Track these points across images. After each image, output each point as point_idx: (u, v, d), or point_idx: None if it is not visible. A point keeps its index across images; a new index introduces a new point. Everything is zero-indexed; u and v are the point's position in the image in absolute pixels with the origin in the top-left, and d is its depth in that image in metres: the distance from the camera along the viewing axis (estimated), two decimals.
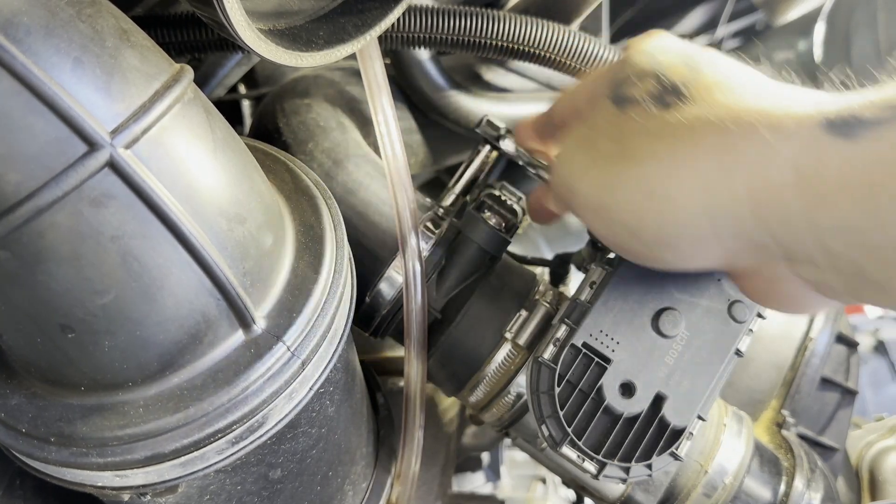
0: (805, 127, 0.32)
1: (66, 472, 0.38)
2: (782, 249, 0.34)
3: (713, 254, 0.37)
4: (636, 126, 0.38)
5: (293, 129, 0.59)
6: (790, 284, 0.37)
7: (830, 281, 0.34)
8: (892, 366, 1.66)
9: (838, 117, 0.31)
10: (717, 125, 0.34)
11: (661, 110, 0.37)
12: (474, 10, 0.61)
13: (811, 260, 0.34)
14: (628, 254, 0.41)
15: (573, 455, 0.44)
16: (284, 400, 0.39)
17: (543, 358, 0.45)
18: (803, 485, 0.55)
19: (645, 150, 0.37)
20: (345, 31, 0.44)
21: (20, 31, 0.28)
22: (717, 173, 0.34)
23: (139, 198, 0.32)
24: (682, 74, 0.38)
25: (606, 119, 0.40)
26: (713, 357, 0.45)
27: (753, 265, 0.37)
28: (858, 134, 0.30)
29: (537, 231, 1.27)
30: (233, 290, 0.36)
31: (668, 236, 0.37)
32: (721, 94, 0.36)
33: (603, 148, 0.39)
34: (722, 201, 0.34)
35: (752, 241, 0.35)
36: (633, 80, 0.40)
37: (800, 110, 0.33)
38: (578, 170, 0.40)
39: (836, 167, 0.31)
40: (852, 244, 0.31)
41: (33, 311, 0.34)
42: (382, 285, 0.53)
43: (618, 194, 0.38)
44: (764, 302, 0.41)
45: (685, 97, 0.37)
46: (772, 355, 0.68)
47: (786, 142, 0.32)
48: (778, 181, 0.32)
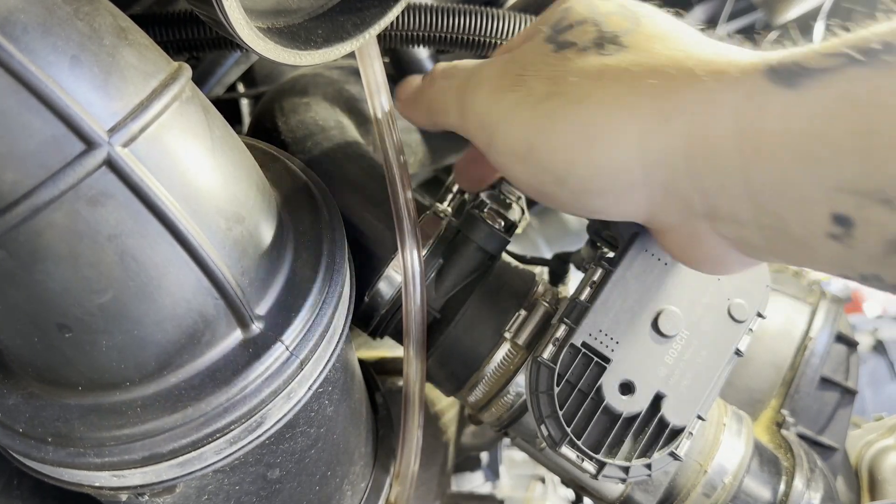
0: (748, 74, 0.31)
1: (63, 472, 0.38)
2: (708, 207, 0.34)
3: (638, 205, 0.36)
4: (573, 67, 0.36)
5: (292, 128, 0.59)
6: (710, 242, 0.36)
7: (752, 238, 0.34)
8: (891, 365, 1.66)
9: (782, 65, 0.30)
10: (657, 70, 0.33)
11: (600, 55, 0.36)
12: (474, 9, 0.61)
13: (735, 217, 0.33)
14: (551, 201, 0.39)
15: (572, 455, 0.44)
16: (283, 400, 0.39)
17: (542, 357, 0.44)
18: (803, 484, 0.55)
19: (582, 91, 0.35)
20: (344, 30, 0.44)
21: (17, 28, 0.28)
22: (655, 119, 0.33)
23: (137, 197, 0.32)
24: (621, 25, 0.37)
25: (540, 58, 0.38)
26: (713, 357, 0.45)
27: (675, 221, 0.36)
28: (801, 83, 0.29)
29: (536, 230, 1.27)
30: (231, 289, 0.36)
31: (598, 183, 0.35)
32: (661, 45, 0.35)
33: (534, 87, 0.37)
34: (658, 148, 0.33)
35: (679, 195, 0.34)
36: (572, 26, 0.38)
37: (743, 59, 0.32)
38: (501, 108, 0.38)
39: (777, 117, 0.30)
40: (783, 198, 0.31)
41: (30, 311, 0.34)
42: (381, 285, 0.53)
43: (549, 136, 0.36)
44: (683, 259, 0.39)
45: (625, 45, 0.36)
46: (771, 355, 0.68)
47: (727, 90, 0.31)
48: (717, 131, 0.31)
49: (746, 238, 0.34)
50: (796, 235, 0.31)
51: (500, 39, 0.62)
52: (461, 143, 0.79)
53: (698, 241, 0.36)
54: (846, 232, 0.29)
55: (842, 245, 0.30)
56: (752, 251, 0.35)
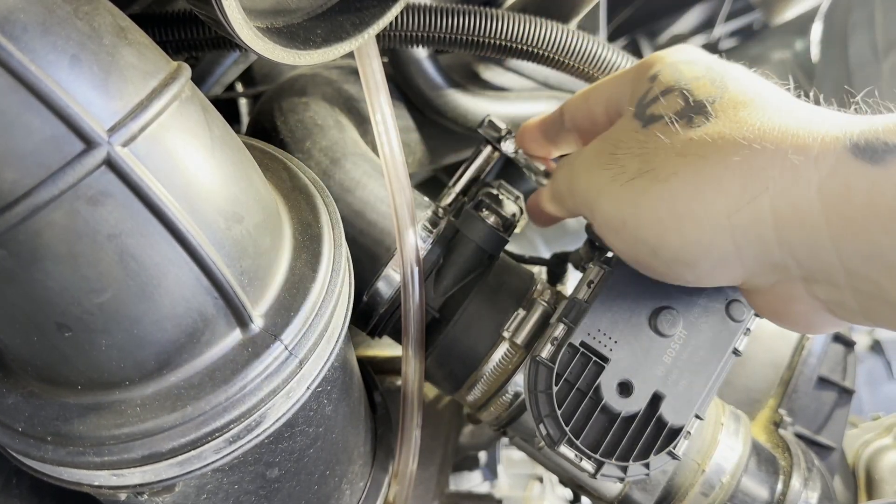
0: (831, 150, 0.32)
1: (62, 471, 0.38)
2: (802, 270, 0.34)
3: (733, 273, 0.37)
4: (661, 143, 0.38)
5: (291, 128, 0.59)
6: (803, 304, 0.37)
7: (847, 301, 0.34)
8: (888, 365, 1.66)
9: (864, 141, 0.31)
10: (743, 145, 0.34)
11: (686, 128, 0.37)
12: (472, 9, 0.61)
13: (830, 280, 0.34)
14: (648, 270, 0.41)
15: (571, 454, 0.44)
16: (282, 399, 0.39)
17: (541, 357, 0.45)
18: (800, 484, 0.55)
19: (669, 168, 0.36)
20: (343, 30, 0.44)
21: (17, 28, 0.28)
22: (742, 194, 0.34)
23: (136, 196, 0.32)
24: (707, 91, 0.38)
25: (629, 135, 0.40)
26: (711, 356, 0.45)
27: (769, 283, 0.37)
28: (885, 159, 0.30)
29: (535, 230, 1.27)
30: (230, 288, 0.36)
31: (690, 255, 0.37)
32: (746, 113, 0.36)
33: (625, 164, 0.39)
34: (746, 224, 0.34)
35: (772, 263, 0.35)
36: (658, 97, 0.39)
37: (826, 133, 0.33)
38: (598, 185, 0.40)
39: (863, 193, 0.31)
40: (876, 266, 0.31)
41: (30, 310, 0.34)
42: (380, 284, 0.53)
43: (640, 212, 0.37)
44: (775, 319, 0.40)
45: (711, 115, 0.37)
46: (769, 354, 0.68)
47: (812, 166, 0.32)
48: (804, 205, 0.32)
49: (842, 301, 0.35)
50: (891, 300, 0.32)
51: (498, 40, 0.62)
52: (459, 142, 0.79)
53: (792, 303, 0.37)
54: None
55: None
56: (846, 314, 0.36)
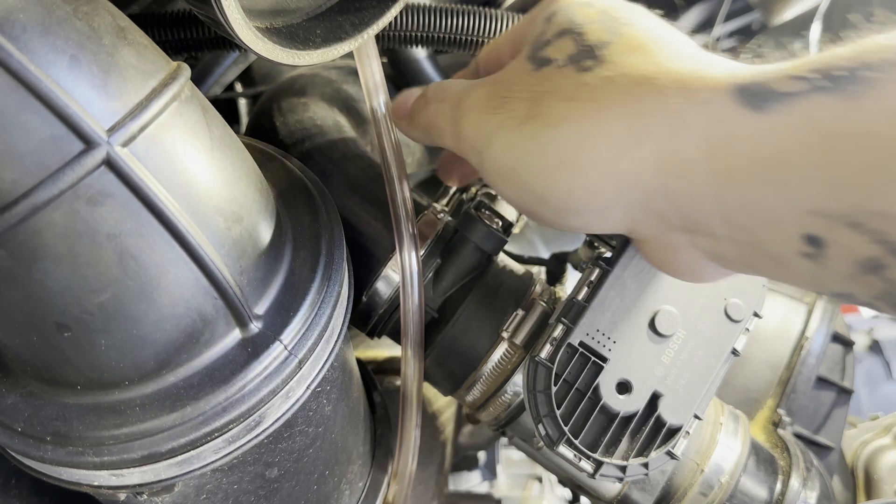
0: (717, 95, 0.31)
1: (62, 471, 0.38)
2: (684, 221, 0.34)
3: (617, 221, 0.37)
4: (551, 87, 0.37)
5: (290, 128, 0.59)
6: (688, 253, 0.37)
7: (728, 252, 0.34)
8: (887, 365, 1.67)
9: (751, 85, 0.31)
10: (628, 89, 0.34)
11: (576, 73, 0.37)
12: (472, 9, 0.61)
13: (711, 232, 0.34)
14: (536, 218, 0.40)
15: (570, 454, 0.44)
16: (281, 399, 0.39)
17: (540, 357, 0.45)
18: (799, 484, 0.55)
19: (558, 113, 0.36)
20: (342, 30, 0.44)
21: (16, 28, 0.28)
22: (626, 141, 0.34)
23: (136, 196, 0.32)
24: (599, 36, 0.37)
25: (521, 78, 0.39)
26: (709, 356, 0.45)
27: (654, 233, 0.37)
28: (769, 106, 0.30)
29: (534, 230, 1.27)
30: (230, 288, 0.36)
31: (576, 203, 0.36)
32: (636, 58, 0.35)
33: (515, 108, 0.38)
34: (630, 170, 0.34)
35: (655, 211, 0.35)
36: (551, 40, 0.39)
37: (713, 77, 0.32)
38: (487, 131, 0.39)
39: (745, 140, 0.30)
40: (756, 218, 0.31)
41: (29, 310, 0.34)
42: (379, 284, 0.53)
43: (529, 158, 0.37)
44: (662, 267, 0.40)
45: (601, 60, 0.36)
46: (768, 354, 0.68)
47: (696, 111, 0.32)
48: (687, 153, 0.32)
49: (722, 252, 0.35)
50: (771, 252, 0.32)
51: None
52: None
53: (676, 253, 0.37)
54: (818, 252, 0.30)
55: (815, 264, 0.31)
56: (728, 264, 0.36)
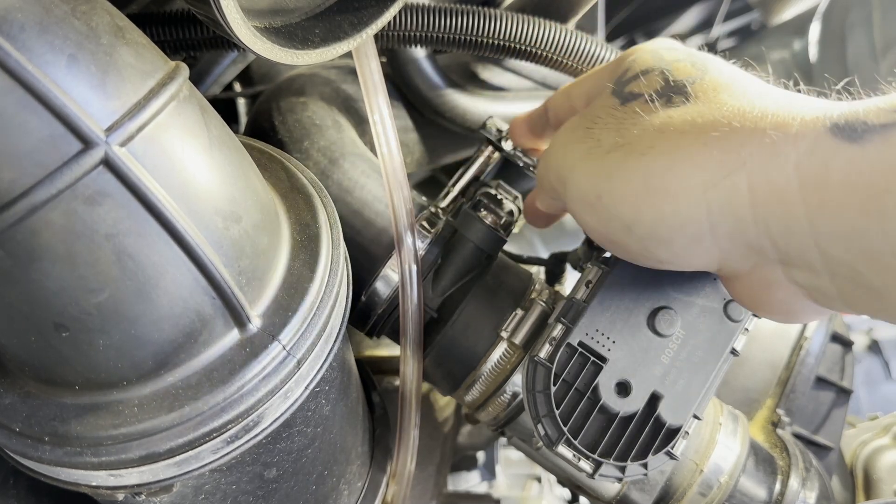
0: (811, 129, 0.32)
1: (60, 471, 0.38)
2: (779, 253, 0.34)
3: (708, 254, 0.36)
4: (639, 119, 0.37)
5: (289, 128, 0.59)
6: (782, 290, 0.36)
7: (825, 286, 0.34)
8: (886, 365, 1.67)
9: (844, 121, 0.31)
10: (722, 122, 0.34)
11: (665, 107, 0.37)
12: (471, 9, 0.61)
13: (808, 264, 0.33)
14: (620, 249, 0.40)
15: (569, 454, 0.44)
16: (280, 399, 0.39)
17: (539, 357, 0.45)
18: (798, 484, 0.55)
19: (646, 142, 0.36)
20: (341, 30, 0.44)
21: (14, 27, 0.28)
22: (719, 170, 0.33)
23: (134, 196, 0.32)
24: (688, 73, 0.38)
25: (607, 111, 0.39)
26: (709, 356, 0.45)
27: (746, 268, 0.37)
28: (864, 138, 0.30)
29: (533, 230, 1.27)
30: (228, 288, 0.36)
31: (664, 232, 0.36)
32: (727, 95, 0.36)
33: (602, 138, 0.38)
34: (722, 199, 0.33)
35: (748, 243, 0.35)
36: (639, 77, 0.39)
37: (806, 113, 0.32)
38: (573, 159, 0.39)
39: (841, 171, 0.30)
40: (853, 249, 0.31)
41: (27, 310, 0.34)
42: (378, 284, 0.53)
43: (615, 185, 0.37)
44: (753, 307, 0.40)
45: (691, 95, 0.36)
46: (767, 354, 0.68)
47: (791, 143, 0.32)
48: (781, 183, 0.32)
49: (820, 286, 0.34)
50: (872, 285, 0.32)
51: (496, 40, 0.62)
52: (458, 142, 0.79)
53: (770, 289, 0.37)
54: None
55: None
56: (825, 300, 0.35)
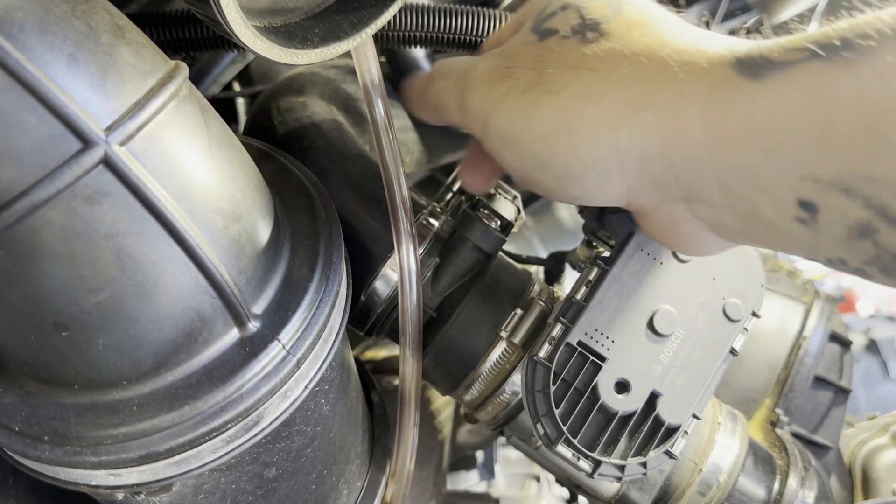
0: (716, 66, 0.32)
1: (59, 470, 0.38)
2: (682, 189, 0.35)
3: (617, 190, 0.37)
4: (554, 56, 0.38)
5: (288, 127, 0.59)
6: (686, 224, 0.37)
7: (726, 220, 0.35)
8: (884, 365, 1.67)
9: (748, 57, 0.31)
10: (631, 59, 0.35)
11: (580, 44, 0.38)
12: (470, 9, 0.61)
13: (709, 199, 0.34)
14: (537, 187, 0.41)
15: (568, 453, 0.44)
16: (279, 399, 0.39)
17: (539, 356, 0.45)
18: (797, 483, 0.56)
19: (560, 81, 0.37)
20: (340, 29, 0.44)
21: (14, 27, 0.28)
22: (627, 108, 0.34)
23: (134, 195, 0.32)
24: (602, 11, 0.38)
25: (525, 49, 0.40)
26: (708, 356, 0.45)
27: (653, 203, 0.38)
28: (766, 75, 0.30)
29: (532, 230, 1.28)
30: (228, 288, 0.36)
31: (577, 170, 0.37)
32: (639, 32, 0.36)
33: (519, 77, 0.39)
34: (631, 137, 0.34)
35: (654, 179, 0.36)
36: (556, 13, 0.40)
37: (712, 50, 0.33)
38: (492, 99, 0.40)
39: (742, 108, 0.31)
40: (751, 184, 0.32)
41: (27, 309, 0.34)
42: (378, 284, 0.53)
43: (532, 125, 0.38)
44: (663, 241, 0.41)
45: (605, 33, 0.37)
46: (766, 354, 0.68)
47: (696, 81, 0.33)
48: (686, 120, 0.33)
49: (721, 220, 0.35)
50: (766, 219, 0.33)
51: None
52: (457, 142, 0.79)
53: (677, 224, 0.38)
54: (812, 217, 0.31)
55: (809, 229, 0.31)
56: (727, 234, 0.37)
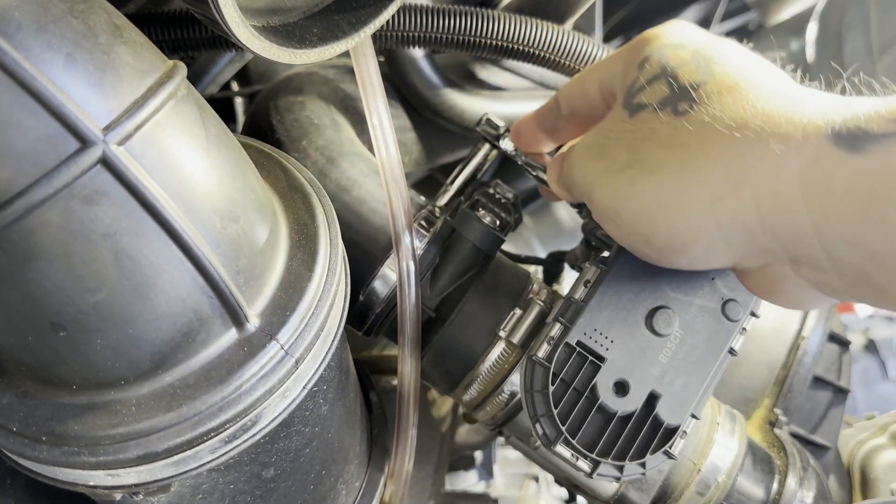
0: (812, 138, 0.32)
1: (57, 471, 0.38)
2: (788, 254, 0.35)
3: (723, 257, 0.38)
4: (647, 134, 0.39)
5: (287, 127, 0.59)
6: (792, 283, 0.38)
7: (833, 283, 0.35)
8: (882, 365, 1.67)
9: (846, 129, 0.31)
10: (725, 134, 0.35)
11: (671, 117, 0.38)
12: (468, 9, 0.61)
13: (815, 264, 0.34)
14: (644, 257, 0.42)
15: (567, 454, 0.44)
16: (278, 399, 0.39)
17: (537, 356, 0.45)
18: (796, 483, 0.56)
19: (655, 160, 0.38)
20: (339, 29, 0.44)
21: (11, 26, 0.28)
22: (724, 184, 0.35)
23: (132, 195, 0.32)
24: (692, 77, 0.38)
25: (618, 126, 0.41)
26: (707, 356, 0.45)
27: (759, 265, 0.38)
28: (865, 147, 0.31)
29: (531, 229, 1.28)
30: (226, 288, 0.36)
31: (679, 244, 0.38)
32: (731, 99, 0.36)
33: (615, 156, 0.40)
34: (730, 212, 0.35)
35: (759, 247, 0.36)
36: (645, 86, 0.40)
37: (808, 120, 0.33)
38: (592, 177, 0.41)
39: (843, 181, 0.31)
40: (857, 253, 0.32)
41: (24, 310, 0.34)
42: (376, 283, 0.53)
43: (630, 203, 0.39)
44: (767, 297, 0.42)
45: (695, 102, 0.37)
46: (764, 354, 0.68)
47: (793, 154, 0.33)
48: (785, 194, 0.33)
49: (829, 283, 0.36)
50: (878, 284, 0.33)
51: (494, 40, 0.62)
52: (455, 141, 0.79)
53: (781, 282, 0.39)
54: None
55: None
56: (834, 293, 0.37)
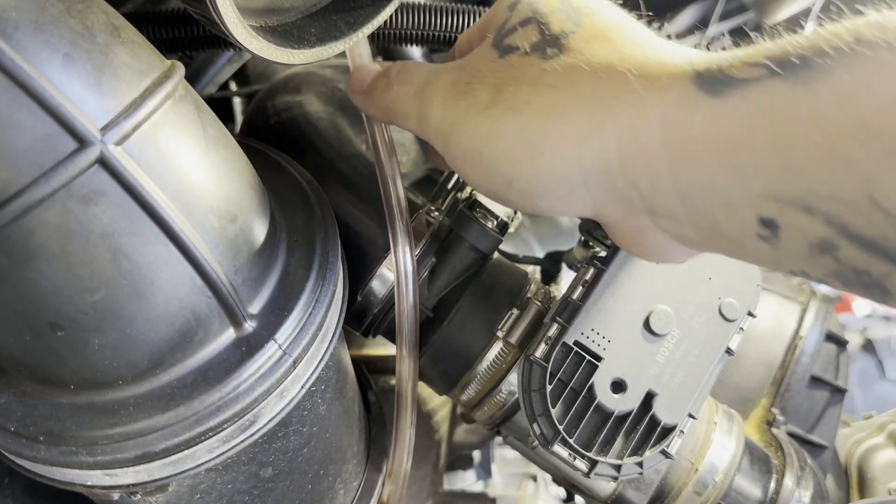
0: (677, 81, 0.32)
1: (55, 471, 0.38)
2: (645, 204, 0.35)
3: (583, 203, 0.38)
4: (515, 74, 0.38)
5: (285, 127, 0.59)
6: (653, 236, 0.38)
7: (689, 234, 0.35)
8: (880, 364, 1.67)
9: (708, 72, 0.31)
10: (591, 75, 0.35)
11: (540, 60, 0.38)
12: (466, 8, 0.61)
13: (672, 214, 0.35)
14: (502, 202, 0.41)
15: (564, 453, 0.44)
16: (275, 398, 0.39)
17: (535, 356, 0.45)
18: (793, 482, 0.56)
19: (521, 99, 0.37)
20: (337, 29, 0.44)
21: (9, 26, 0.28)
22: (589, 126, 0.34)
23: (130, 195, 0.32)
24: (562, 24, 0.38)
25: (486, 64, 0.40)
26: (704, 355, 0.45)
27: (619, 216, 0.38)
28: (725, 92, 0.30)
29: (529, 229, 1.28)
30: (224, 288, 0.36)
31: (541, 187, 0.37)
32: (599, 46, 0.36)
33: (480, 95, 0.39)
34: (593, 154, 0.35)
35: (618, 195, 0.36)
36: (517, 27, 0.40)
37: (673, 64, 0.33)
38: (453, 116, 0.40)
39: (701, 124, 0.31)
40: (712, 201, 0.32)
41: (22, 309, 0.34)
42: (374, 283, 0.53)
43: (493, 144, 0.38)
44: (630, 250, 0.41)
45: (564, 48, 0.37)
46: (762, 354, 0.69)
47: (656, 97, 0.33)
48: (646, 136, 0.33)
49: (684, 234, 0.36)
50: (729, 234, 0.33)
51: None
52: None
53: (642, 235, 0.38)
54: (773, 234, 0.31)
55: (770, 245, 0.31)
56: (691, 244, 0.37)
